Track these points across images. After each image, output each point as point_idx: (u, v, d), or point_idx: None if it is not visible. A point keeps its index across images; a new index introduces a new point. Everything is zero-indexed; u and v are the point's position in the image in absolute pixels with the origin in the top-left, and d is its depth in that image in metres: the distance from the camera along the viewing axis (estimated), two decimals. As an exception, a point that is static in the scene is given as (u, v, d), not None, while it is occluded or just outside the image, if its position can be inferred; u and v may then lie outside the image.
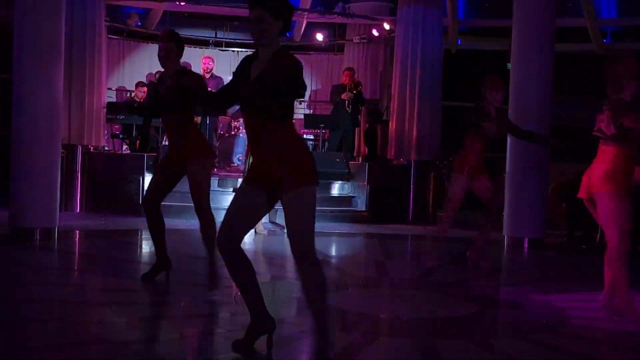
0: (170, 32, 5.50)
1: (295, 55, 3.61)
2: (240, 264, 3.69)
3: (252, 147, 3.69)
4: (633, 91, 4.89)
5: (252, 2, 3.55)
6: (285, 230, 3.60)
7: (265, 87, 3.41)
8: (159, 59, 5.42)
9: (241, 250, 3.69)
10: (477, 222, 7.21)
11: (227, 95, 3.73)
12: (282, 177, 3.52)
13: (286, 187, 3.51)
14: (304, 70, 3.52)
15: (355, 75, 12.64)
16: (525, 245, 8.28)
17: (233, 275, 3.73)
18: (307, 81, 14.60)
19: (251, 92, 3.45)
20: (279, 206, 3.71)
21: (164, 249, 5.53)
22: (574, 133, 11.31)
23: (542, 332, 4.56)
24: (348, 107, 11.97)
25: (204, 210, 5.31)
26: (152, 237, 5.55)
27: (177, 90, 5.23)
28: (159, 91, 5.43)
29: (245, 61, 3.72)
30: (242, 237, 3.75)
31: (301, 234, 3.55)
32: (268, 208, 3.75)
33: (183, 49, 5.47)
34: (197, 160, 5.30)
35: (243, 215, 3.68)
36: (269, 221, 9.66)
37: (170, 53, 5.34)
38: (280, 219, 9.43)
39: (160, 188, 5.45)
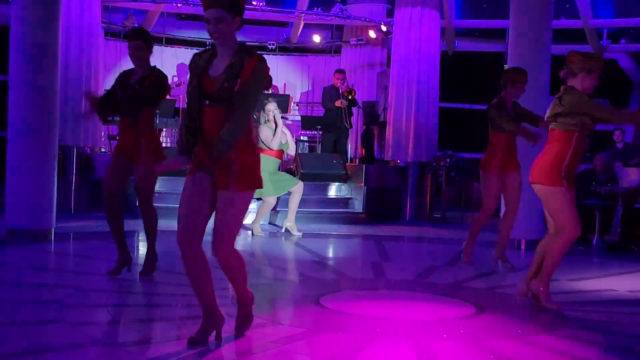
0: (138, 29, 5.58)
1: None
2: (198, 262, 3.77)
3: (207, 142, 3.68)
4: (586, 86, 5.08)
5: (208, 2, 3.62)
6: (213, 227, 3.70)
7: (235, 85, 3.56)
8: (130, 57, 5.42)
9: (200, 248, 3.78)
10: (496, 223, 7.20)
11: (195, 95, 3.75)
12: (229, 175, 3.62)
13: (232, 185, 3.63)
14: (300, 71, 3.59)
15: (350, 77, 12.65)
16: (523, 246, 8.30)
17: (188, 271, 3.81)
18: (304, 83, 14.71)
19: (222, 88, 3.58)
20: (280, 208, 3.78)
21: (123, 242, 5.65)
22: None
23: (539, 333, 4.56)
24: (346, 122, 11.95)
25: (147, 205, 5.52)
26: (110, 228, 5.61)
27: (136, 92, 5.30)
28: (119, 88, 5.43)
29: (200, 57, 3.76)
30: (203, 233, 3.81)
31: (228, 234, 3.72)
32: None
33: (152, 46, 5.50)
34: (146, 162, 5.35)
35: (198, 209, 3.75)
36: (268, 223, 9.67)
37: (138, 51, 5.35)
38: (280, 220, 9.43)
39: (120, 176, 5.54)
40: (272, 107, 8.76)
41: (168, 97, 9.31)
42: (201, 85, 3.67)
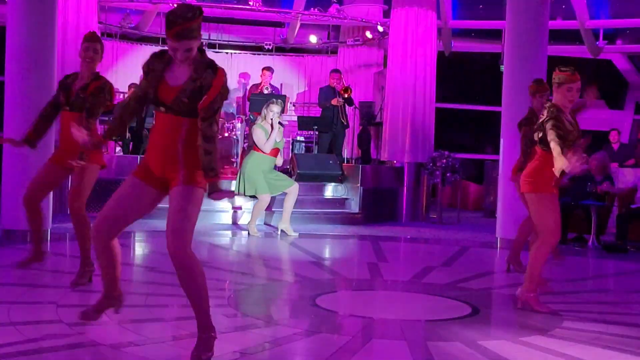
0: (94, 33, 5.53)
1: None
2: (109, 254, 3.88)
3: (159, 146, 3.72)
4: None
5: (178, 36, 3.53)
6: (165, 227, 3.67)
7: (195, 102, 3.59)
8: (84, 60, 5.32)
9: (113, 245, 3.87)
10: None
11: (142, 98, 3.79)
12: (183, 173, 3.64)
13: (183, 181, 3.64)
14: (297, 72, 3.60)
15: (347, 77, 12.65)
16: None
17: (98, 256, 3.93)
18: (300, 83, 14.73)
19: (180, 102, 3.60)
20: (275, 208, 3.78)
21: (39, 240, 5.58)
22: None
23: (535, 334, 4.57)
24: (343, 118, 11.96)
25: (78, 208, 5.28)
26: (30, 225, 5.51)
27: (81, 101, 5.21)
28: (62, 93, 5.32)
29: (158, 61, 3.72)
30: (120, 232, 3.86)
31: (182, 230, 3.63)
32: (151, 207, 3.85)
33: (102, 54, 5.47)
34: (91, 165, 5.24)
35: (127, 209, 3.77)
36: (264, 223, 9.67)
37: (95, 54, 5.32)
38: (275, 221, 9.43)
39: (48, 182, 5.44)
40: (275, 109, 8.73)
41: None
42: (157, 93, 3.67)
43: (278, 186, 8.77)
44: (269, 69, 12.39)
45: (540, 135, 5.12)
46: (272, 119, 8.67)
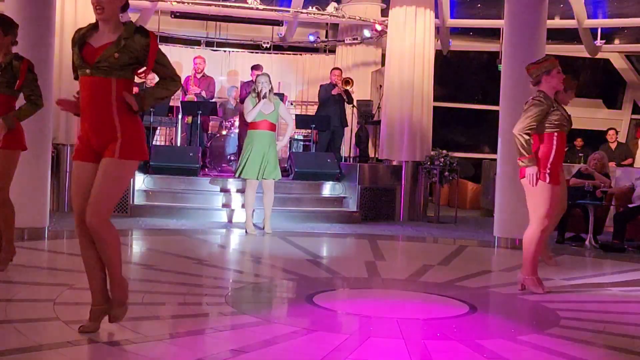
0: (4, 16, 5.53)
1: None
2: (91, 245, 3.85)
3: (90, 114, 3.82)
4: (552, 85, 5.63)
5: None
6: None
7: (127, 58, 3.74)
8: None
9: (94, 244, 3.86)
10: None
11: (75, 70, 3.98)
12: (120, 144, 3.71)
13: (118, 154, 3.70)
14: (295, 70, 3.62)
15: (345, 76, 12.67)
16: (517, 243, 8.29)
17: (83, 254, 3.92)
18: (298, 81, 14.71)
19: (110, 57, 3.72)
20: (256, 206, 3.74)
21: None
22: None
23: (533, 333, 4.57)
24: (347, 101, 11.97)
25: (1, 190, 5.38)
26: None
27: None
28: None
29: (79, 31, 3.95)
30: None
31: (102, 201, 3.70)
32: None
33: (14, 34, 5.41)
34: (4, 150, 5.31)
35: (85, 195, 3.79)
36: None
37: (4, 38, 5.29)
38: (258, 218, 9.32)
39: None
40: (262, 79, 8.69)
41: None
42: (81, 54, 3.84)
43: (266, 170, 8.55)
44: (257, 67, 12.30)
45: None
46: (259, 90, 8.60)
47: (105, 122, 3.76)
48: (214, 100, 12.35)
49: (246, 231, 8.70)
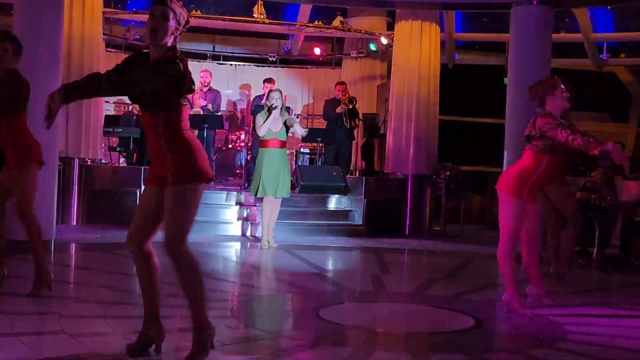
0: (7, 32, 5.47)
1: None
2: (145, 266, 3.84)
3: (149, 146, 3.81)
4: (557, 105, 5.45)
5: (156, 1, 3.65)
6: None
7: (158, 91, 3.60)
8: None
9: (147, 253, 3.83)
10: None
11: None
12: (172, 172, 3.66)
13: (173, 180, 3.65)
14: (301, 84, 3.60)
15: (351, 89, 12.68)
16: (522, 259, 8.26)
17: (138, 275, 3.90)
18: (305, 95, 14.75)
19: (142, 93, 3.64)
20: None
21: None
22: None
23: (539, 347, 4.55)
24: (346, 122, 11.99)
25: (23, 213, 5.32)
26: None
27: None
28: None
29: (139, 59, 3.77)
30: (150, 238, 3.84)
31: (174, 229, 3.66)
32: None
33: (19, 52, 5.35)
34: (20, 165, 5.28)
35: (147, 216, 3.79)
36: (251, 235, 9.61)
37: (5, 53, 5.24)
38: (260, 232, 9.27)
39: None
40: (275, 95, 8.66)
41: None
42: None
43: (281, 188, 8.60)
44: (269, 80, 12.36)
45: None
46: (271, 105, 8.59)
47: (159, 153, 3.73)
48: (220, 113, 12.39)
49: (261, 246, 8.65)
